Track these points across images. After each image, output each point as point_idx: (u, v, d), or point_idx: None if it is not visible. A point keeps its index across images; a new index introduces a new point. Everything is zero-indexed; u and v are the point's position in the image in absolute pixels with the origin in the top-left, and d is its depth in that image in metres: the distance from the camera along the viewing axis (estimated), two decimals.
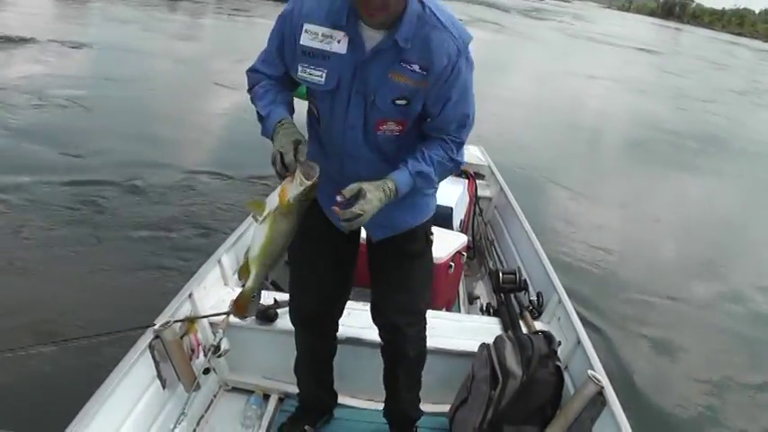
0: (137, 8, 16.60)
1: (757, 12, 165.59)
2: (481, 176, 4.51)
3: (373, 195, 1.66)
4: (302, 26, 1.68)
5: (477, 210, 4.23)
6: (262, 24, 18.25)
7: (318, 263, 2.06)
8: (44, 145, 5.90)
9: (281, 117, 1.69)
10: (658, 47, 41.19)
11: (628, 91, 17.06)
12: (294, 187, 1.61)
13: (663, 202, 7.87)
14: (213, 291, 2.75)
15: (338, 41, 1.66)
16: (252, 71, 1.84)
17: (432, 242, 2.11)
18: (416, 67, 1.66)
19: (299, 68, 1.71)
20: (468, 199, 4.11)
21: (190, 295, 2.53)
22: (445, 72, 1.66)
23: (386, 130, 1.78)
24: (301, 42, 1.68)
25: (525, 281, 3.21)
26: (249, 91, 1.82)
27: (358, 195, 1.64)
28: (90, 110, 7.31)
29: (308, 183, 1.59)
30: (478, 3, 47.98)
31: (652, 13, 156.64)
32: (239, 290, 3.00)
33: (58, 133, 6.31)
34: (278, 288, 2.99)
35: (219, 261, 2.88)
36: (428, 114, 1.76)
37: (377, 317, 2.11)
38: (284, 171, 1.61)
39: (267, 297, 2.79)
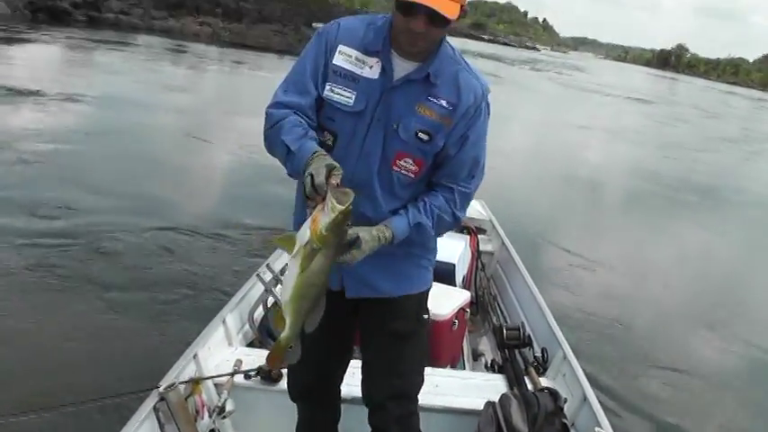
0: (140, 59, 16.91)
1: (751, 61, 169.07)
2: (483, 231, 4.56)
3: (367, 246, 1.65)
4: (337, 47, 1.73)
5: (480, 265, 4.26)
6: (260, 77, 18.65)
7: (314, 333, 1.99)
8: (32, 201, 5.81)
9: (316, 149, 1.60)
10: (655, 97, 41.88)
11: (625, 141, 17.28)
12: (326, 215, 1.47)
13: (662, 254, 7.92)
14: (217, 351, 2.76)
15: (370, 67, 1.71)
16: (274, 106, 1.78)
17: (425, 322, 2.01)
18: (444, 103, 1.71)
19: (327, 87, 1.73)
20: (470, 255, 4.15)
21: (194, 356, 2.54)
22: (469, 111, 1.72)
23: (402, 169, 1.76)
24: (334, 62, 1.72)
25: (529, 336, 3.22)
26: (270, 128, 1.75)
27: (353, 243, 1.61)
28: (82, 164, 7.27)
29: (341, 207, 1.45)
30: (475, 54, 48.94)
31: (648, 63, 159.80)
32: (243, 349, 3.04)
33: (48, 189, 6.21)
34: None
35: (224, 321, 2.90)
36: (444, 156, 1.76)
37: (364, 393, 2.03)
38: (314, 194, 1.50)
39: None
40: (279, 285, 3.41)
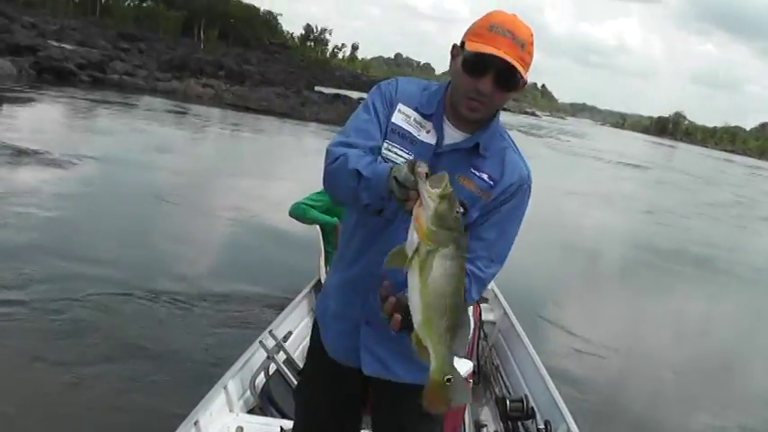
0: (142, 121, 17.14)
1: (748, 129, 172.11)
2: (485, 300, 4.61)
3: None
4: (397, 105, 1.75)
5: (482, 334, 4.29)
6: (261, 140, 18.95)
7: (324, 403, 1.96)
8: (23, 264, 5.74)
9: (392, 166, 1.51)
10: (653, 163, 42.49)
11: (623, 209, 17.46)
12: (426, 208, 1.37)
13: (661, 324, 7.96)
14: (219, 417, 2.77)
15: (427, 131, 1.73)
16: (337, 144, 1.73)
17: (440, 424, 1.96)
18: (485, 176, 1.72)
19: (385, 144, 1.72)
20: (472, 324, 4.19)
21: (195, 422, 2.56)
22: (509, 189, 1.73)
23: None
24: (393, 120, 1.74)
25: (533, 408, 3.23)
26: (333, 162, 1.68)
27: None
28: (78, 227, 7.27)
29: (438, 191, 1.36)
30: None
31: (646, 130, 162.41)
32: (244, 416, 3.04)
33: (41, 253, 6.14)
34: (283, 414, 2.99)
35: (225, 387, 2.92)
36: (471, 232, 1.71)
37: None
38: (405, 193, 1.42)
39: (272, 425, 2.81)
40: (281, 352, 3.44)
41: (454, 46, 1.74)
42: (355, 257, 1.83)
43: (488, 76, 1.64)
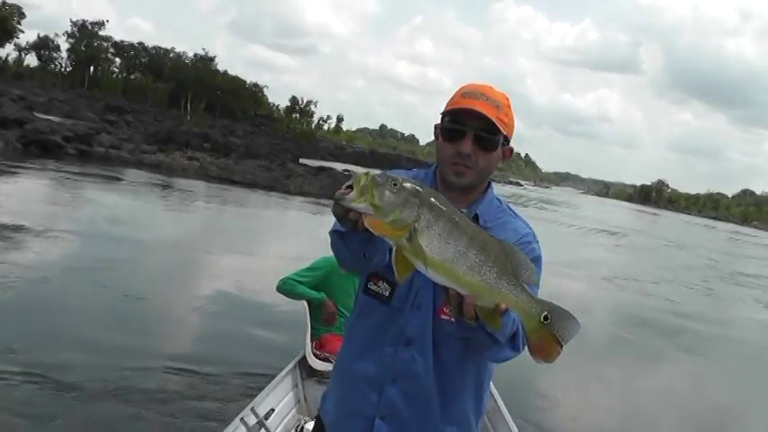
0: (127, 194, 17.38)
1: (730, 196, 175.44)
2: None
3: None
4: None
5: None
6: (245, 214, 19.15)
7: None
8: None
9: None
10: (637, 231, 43.07)
11: (606, 279, 17.65)
12: (362, 207, 1.37)
13: (648, 400, 8.05)
14: None
15: None
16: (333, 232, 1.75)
17: None
18: None
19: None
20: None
21: None
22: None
23: (451, 317, 1.71)
24: None
25: None
26: (331, 243, 1.73)
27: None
28: (59, 302, 7.31)
29: (353, 186, 1.37)
30: None
31: (629, 199, 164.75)
32: None
33: (22, 326, 6.25)
34: None
35: None
36: None
37: None
38: (340, 209, 1.43)
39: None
40: (262, 430, 3.53)
41: (436, 126, 1.84)
42: (366, 349, 1.84)
43: (467, 138, 1.73)
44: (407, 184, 1.38)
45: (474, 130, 1.72)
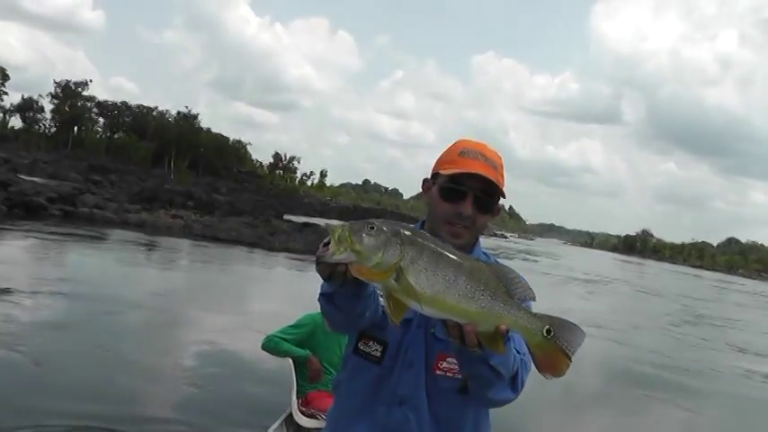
0: (112, 255, 17.43)
1: (715, 245, 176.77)
2: None
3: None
4: None
5: None
6: (229, 271, 19.18)
7: None
8: None
9: None
10: (623, 279, 43.35)
11: (595, 329, 17.80)
12: (344, 256, 1.39)
13: None
14: None
15: None
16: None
17: None
18: None
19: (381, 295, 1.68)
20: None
21: None
22: None
23: (446, 371, 1.76)
24: None
25: None
26: (321, 309, 1.74)
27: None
28: (43, 363, 7.30)
29: (332, 239, 1.40)
30: None
31: (614, 249, 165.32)
32: None
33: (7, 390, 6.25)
34: None
35: None
36: None
37: None
38: (327, 268, 1.46)
39: None
40: None
41: (425, 180, 1.84)
42: (358, 411, 1.82)
43: (468, 199, 1.72)
44: (384, 226, 1.39)
45: (475, 191, 1.72)
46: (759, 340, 21.08)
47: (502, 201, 1.82)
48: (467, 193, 1.72)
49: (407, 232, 1.40)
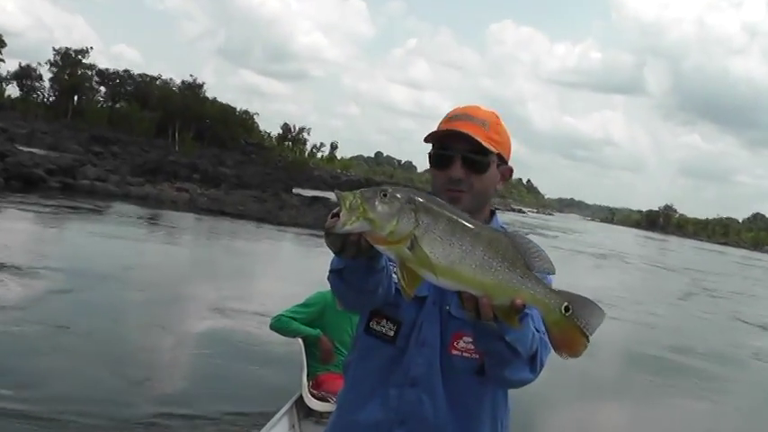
0: (113, 229, 17.35)
1: (741, 220, 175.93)
2: None
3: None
4: None
5: None
6: (236, 248, 19.17)
7: None
8: None
9: None
10: (646, 259, 43.19)
11: (615, 308, 17.73)
12: (357, 224, 1.37)
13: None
14: None
15: None
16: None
17: None
18: None
19: (392, 265, 1.66)
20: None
21: None
22: None
23: (462, 351, 1.75)
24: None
25: None
26: (331, 286, 1.73)
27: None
28: (42, 345, 7.32)
29: (349, 195, 1.38)
30: None
31: (636, 225, 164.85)
32: None
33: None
34: None
35: None
36: None
37: None
38: (338, 240, 1.44)
39: None
40: None
41: (429, 154, 1.86)
42: (370, 393, 1.82)
43: (456, 162, 1.75)
44: (398, 193, 1.39)
45: (461, 152, 1.75)
46: None
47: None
48: (453, 157, 1.75)
49: (422, 199, 1.40)
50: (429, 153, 1.83)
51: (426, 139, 1.82)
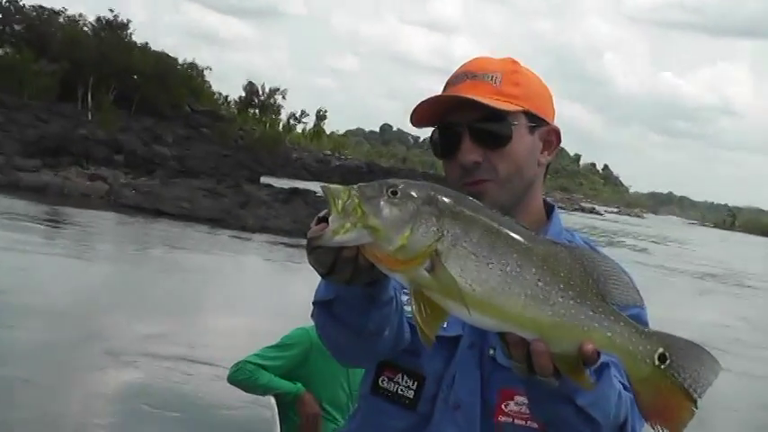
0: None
1: None
2: None
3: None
4: None
5: None
6: (175, 262, 19.16)
7: None
8: None
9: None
10: None
11: (745, 358, 17.62)
12: (356, 236, 1.36)
13: None
14: None
15: None
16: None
17: None
18: None
19: (407, 298, 1.66)
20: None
21: None
22: None
23: (515, 416, 1.75)
24: None
25: None
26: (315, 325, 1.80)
27: None
28: None
29: (342, 191, 1.37)
30: None
31: None
32: None
33: None
34: None
35: None
36: None
37: None
38: (328, 256, 1.43)
39: None
40: None
41: None
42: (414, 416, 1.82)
43: (464, 140, 1.79)
44: (414, 190, 1.38)
45: (467, 125, 1.79)
46: None
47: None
48: (457, 134, 1.79)
49: (447, 198, 1.39)
50: (429, 138, 1.90)
51: (417, 122, 1.87)
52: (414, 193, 1.37)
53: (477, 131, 1.76)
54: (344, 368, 4.51)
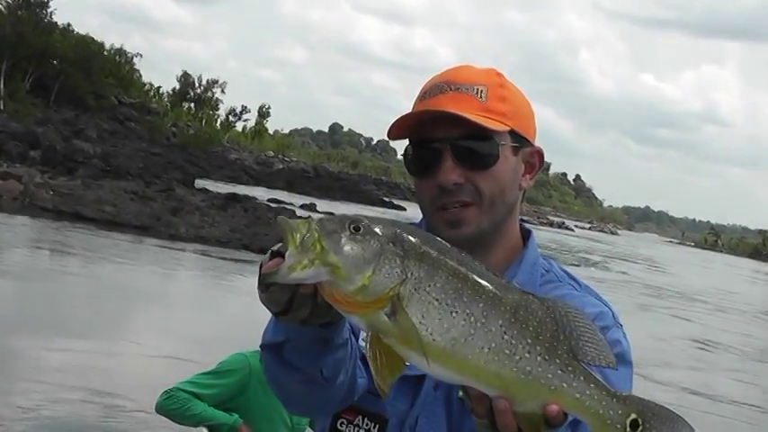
0: None
1: None
2: None
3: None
4: None
5: None
6: (95, 275, 19.05)
7: None
8: None
9: None
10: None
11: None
12: (312, 272, 1.36)
13: None
14: None
15: None
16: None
17: None
18: None
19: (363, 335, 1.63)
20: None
21: None
22: None
23: None
24: None
25: None
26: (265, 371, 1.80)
27: None
28: None
29: (299, 224, 1.38)
30: None
31: (754, 253, 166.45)
32: None
33: None
34: None
35: None
36: None
37: None
38: (283, 294, 1.41)
39: None
40: None
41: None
42: None
43: (445, 159, 1.78)
44: (378, 227, 1.40)
45: (449, 141, 1.78)
46: None
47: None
48: (438, 152, 1.78)
49: (413, 238, 1.40)
50: (403, 153, 1.88)
51: (394, 134, 1.85)
52: (378, 231, 1.38)
53: (460, 150, 1.77)
54: None
